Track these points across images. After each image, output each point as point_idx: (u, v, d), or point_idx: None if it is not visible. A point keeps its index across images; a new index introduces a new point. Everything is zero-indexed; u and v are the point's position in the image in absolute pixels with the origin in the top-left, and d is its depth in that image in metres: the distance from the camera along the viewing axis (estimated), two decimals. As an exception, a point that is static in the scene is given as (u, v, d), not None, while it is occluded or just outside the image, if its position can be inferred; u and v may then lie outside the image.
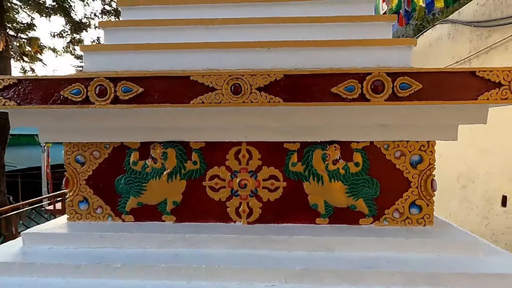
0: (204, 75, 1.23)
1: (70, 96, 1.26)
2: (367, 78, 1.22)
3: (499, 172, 3.36)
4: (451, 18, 4.28)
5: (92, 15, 6.41)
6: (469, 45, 3.83)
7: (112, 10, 6.32)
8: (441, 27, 4.53)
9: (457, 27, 4.11)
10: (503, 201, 3.16)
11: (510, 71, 1.21)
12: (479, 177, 3.56)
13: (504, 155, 3.28)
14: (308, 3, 1.65)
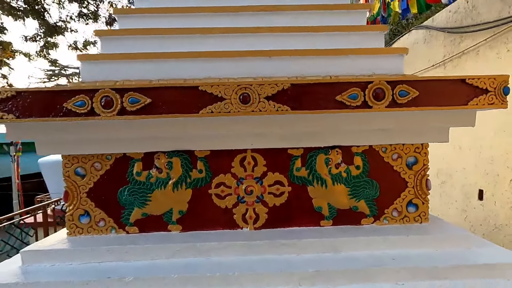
0: (213, 85, 1.25)
1: (74, 108, 1.23)
2: (369, 86, 1.28)
3: (474, 168, 3.60)
4: (425, 24, 4.55)
5: (68, 18, 6.17)
6: (443, 50, 4.09)
7: (89, 13, 6.11)
8: (417, 32, 4.80)
9: (432, 33, 4.38)
10: (479, 195, 3.40)
11: (495, 78, 1.32)
12: (456, 173, 3.80)
13: (477, 151, 3.53)
14: (305, 13, 1.71)
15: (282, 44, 1.62)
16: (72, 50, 6.57)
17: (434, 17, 4.38)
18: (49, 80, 22.89)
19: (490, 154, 3.31)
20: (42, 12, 5.52)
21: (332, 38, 1.66)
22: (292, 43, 1.63)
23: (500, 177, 3.18)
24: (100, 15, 6.23)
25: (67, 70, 22.49)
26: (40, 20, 5.52)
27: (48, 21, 5.72)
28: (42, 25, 5.72)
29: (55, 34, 5.93)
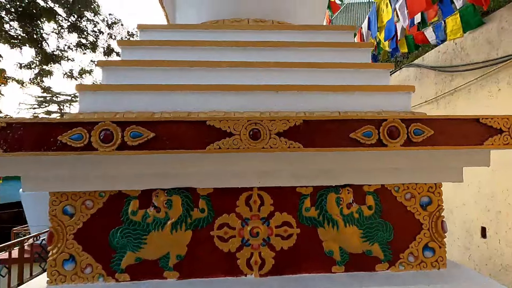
0: (222, 120, 1.18)
1: (70, 142, 1.13)
2: (383, 124, 1.24)
3: (474, 204, 3.56)
4: (416, 62, 4.76)
5: (66, 48, 6.22)
6: (435, 87, 4.23)
7: (88, 43, 6.19)
8: (407, 70, 5.00)
9: (422, 71, 4.56)
10: (482, 232, 3.32)
11: (508, 118, 1.30)
12: (456, 208, 3.74)
13: (476, 187, 3.51)
14: (312, 49, 1.71)
15: (289, 79, 1.59)
16: (67, 78, 6.57)
17: (424, 56, 4.58)
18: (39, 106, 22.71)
19: (490, 190, 3.29)
20: (40, 41, 5.57)
21: (339, 74, 1.65)
22: (299, 78, 1.61)
23: (502, 214, 3.13)
24: (99, 45, 6.34)
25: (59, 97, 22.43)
26: (38, 48, 5.55)
27: (45, 50, 5.76)
28: (39, 54, 5.73)
29: (51, 62, 5.94)
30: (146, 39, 1.74)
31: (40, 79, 6.62)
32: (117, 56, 6.86)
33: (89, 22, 5.92)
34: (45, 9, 5.10)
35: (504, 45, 3.22)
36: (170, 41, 1.68)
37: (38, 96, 21.63)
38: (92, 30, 6.06)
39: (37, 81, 6.52)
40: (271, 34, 1.78)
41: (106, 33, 6.25)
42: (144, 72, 1.57)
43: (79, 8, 5.47)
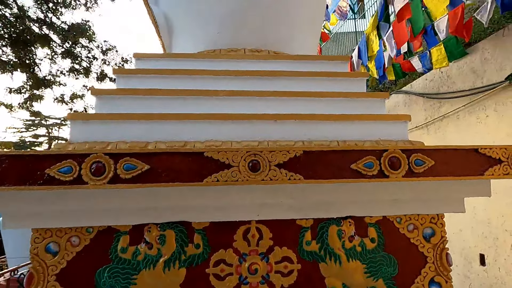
0: (220, 151, 1.14)
1: (58, 175, 1.06)
2: (384, 154, 1.22)
3: (471, 230, 3.53)
4: (404, 89, 4.91)
5: (58, 73, 6.20)
6: (424, 113, 4.35)
7: (81, 69, 6.20)
8: (397, 96, 5.14)
9: (411, 97, 4.70)
10: (481, 259, 3.26)
11: (506, 148, 1.31)
12: (453, 235, 3.69)
13: (472, 213, 3.49)
14: (308, 79, 1.73)
15: (287, 108, 1.59)
16: (58, 103, 6.49)
17: (412, 84, 4.75)
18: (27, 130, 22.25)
19: (485, 216, 3.28)
20: (32, 66, 5.55)
21: (336, 103, 1.65)
22: (297, 107, 1.60)
23: (499, 241, 3.10)
24: (92, 71, 6.36)
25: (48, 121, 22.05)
26: (29, 73, 5.51)
27: (37, 75, 5.72)
28: (30, 78, 5.69)
29: (42, 87, 5.89)
30: (142, 67, 1.73)
31: (29, 104, 6.53)
32: (111, 82, 6.87)
33: (83, 48, 5.98)
34: (39, 36, 5.15)
35: (488, 74, 3.36)
36: (166, 70, 1.67)
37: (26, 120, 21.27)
38: (86, 56, 6.12)
39: (27, 106, 6.42)
40: (267, 64, 1.80)
41: (100, 59, 6.32)
42: (139, 100, 1.54)
43: (74, 35, 5.54)
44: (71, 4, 5.68)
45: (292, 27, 2.07)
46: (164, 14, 2.09)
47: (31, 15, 5.15)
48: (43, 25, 5.27)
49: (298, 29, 2.12)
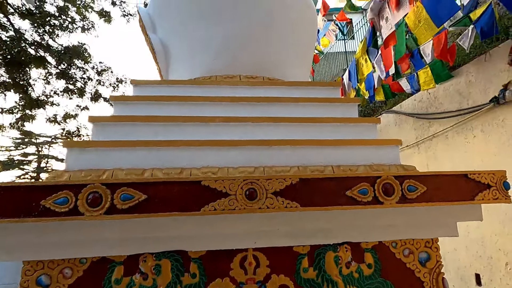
0: (217, 180, 1.16)
1: (54, 207, 1.06)
2: (377, 181, 1.25)
3: (465, 249, 3.54)
4: (394, 109, 5.05)
5: (52, 93, 6.18)
6: (414, 132, 4.46)
7: (75, 89, 6.20)
8: (387, 116, 5.28)
9: (401, 117, 4.82)
10: (477, 279, 3.25)
11: (494, 173, 1.35)
12: (448, 254, 3.69)
13: (465, 232, 3.52)
14: (302, 104, 1.78)
15: (281, 134, 1.62)
16: (50, 123, 6.45)
17: (402, 104, 4.89)
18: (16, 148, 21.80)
19: (479, 234, 3.30)
20: (26, 87, 5.54)
21: (330, 128, 1.70)
22: (292, 132, 1.64)
23: (494, 260, 3.11)
24: (86, 91, 6.38)
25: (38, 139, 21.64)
26: (23, 94, 5.49)
27: (30, 95, 5.70)
28: (23, 99, 5.66)
29: (35, 107, 5.86)
30: (139, 94, 1.75)
31: (21, 124, 6.45)
32: (105, 102, 6.89)
33: (78, 69, 6.02)
34: (35, 58, 5.19)
35: (473, 96, 3.50)
36: (163, 97, 1.70)
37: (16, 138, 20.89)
38: (80, 77, 6.14)
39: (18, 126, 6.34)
40: (263, 90, 1.85)
41: (95, 79, 6.36)
42: (136, 127, 1.55)
43: (70, 57, 5.60)
44: (68, 28, 5.79)
45: (286, 54, 2.15)
46: (161, 41, 2.15)
47: (28, 37, 5.23)
48: (39, 48, 5.33)
49: (292, 55, 2.20)
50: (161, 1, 2.16)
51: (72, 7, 6.30)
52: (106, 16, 6.33)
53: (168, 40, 2.10)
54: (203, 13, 1.98)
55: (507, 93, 3.02)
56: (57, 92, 6.00)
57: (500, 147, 3.21)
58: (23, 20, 5.30)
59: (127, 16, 6.51)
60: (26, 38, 5.21)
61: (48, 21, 5.48)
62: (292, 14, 2.11)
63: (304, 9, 2.23)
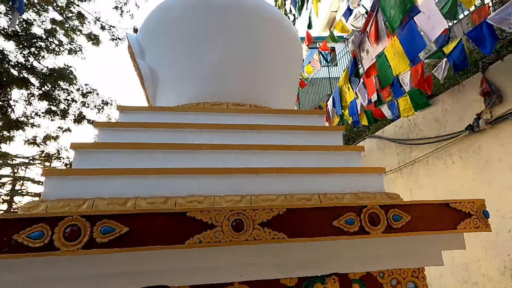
0: (203, 211, 1.13)
1: (27, 241, 0.99)
2: (363, 210, 1.26)
3: (451, 275, 3.55)
4: (377, 134, 5.22)
5: (33, 114, 5.99)
6: (397, 157, 4.58)
7: (58, 110, 6.03)
8: (370, 141, 5.43)
9: (384, 142, 4.98)
10: (464, 306, 3.23)
11: (474, 202, 1.39)
12: (434, 280, 3.69)
13: (449, 257, 3.55)
14: (288, 132, 1.81)
15: (268, 162, 1.63)
16: (29, 145, 6.19)
17: (384, 129, 5.06)
18: (-12, 170, 20.64)
19: (463, 260, 3.33)
20: (5, 108, 5.35)
21: (315, 156, 1.72)
22: (278, 160, 1.65)
23: (479, 285, 3.12)
24: (69, 113, 6.23)
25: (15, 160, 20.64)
26: (1, 115, 5.29)
27: (9, 116, 5.50)
28: (1, 120, 5.43)
29: (14, 129, 5.64)
30: (125, 120, 1.74)
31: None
32: (88, 124, 6.75)
33: (62, 91, 5.91)
34: (17, 79, 5.07)
35: (450, 124, 3.68)
36: (149, 123, 1.69)
37: (-16, 157, 19.79)
38: (65, 98, 6.03)
39: (-8, 147, 6.05)
40: (250, 117, 1.87)
41: (79, 101, 6.24)
42: (120, 155, 1.52)
43: (55, 79, 5.51)
44: (54, 50, 5.76)
45: (272, 83, 2.21)
46: (149, 67, 2.17)
47: (11, 58, 5.14)
48: (23, 69, 5.24)
49: (278, 84, 2.26)
50: (150, 28, 2.21)
51: (60, 30, 6.33)
52: (94, 40, 6.38)
53: (156, 66, 2.13)
54: (192, 41, 2.03)
55: (480, 122, 3.20)
56: (39, 114, 5.83)
57: (478, 172, 3.34)
58: (8, 41, 5.26)
59: (116, 40, 6.58)
60: (9, 59, 5.12)
61: (34, 43, 5.44)
62: (278, 44, 2.20)
63: (290, 40, 2.33)
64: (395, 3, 2.25)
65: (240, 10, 2.07)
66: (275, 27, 2.18)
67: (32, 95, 5.54)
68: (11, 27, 3.65)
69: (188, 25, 2.01)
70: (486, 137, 3.25)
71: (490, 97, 3.14)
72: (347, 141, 8.40)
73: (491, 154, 3.21)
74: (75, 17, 6.15)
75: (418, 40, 2.64)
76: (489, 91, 3.16)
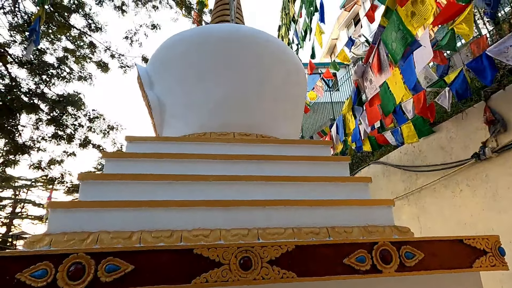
0: (210, 248, 1.10)
1: (30, 281, 0.96)
2: (374, 247, 1.22)
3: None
4: (382, 160, 5.19)
5: (40, 139, 6.07)
6: (402, 184, 4.52)
7: (65, 135, 6.11)
8: (375, 166, 5.38)
9: (389, 168, 4.93)
10: None
11: (488, 239, 1.35)
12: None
13: None
14: (295, 163, 1.80)
15: (275, 193, 1.61)
16: (33, 169, 6.22)
17: (389, 155, 5.03)
18: (-10, 192, 20.53)
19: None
20: (13, 133, 5.44)
21: (322, 187, 1.70)
22: (285, 192, 1.63)
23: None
24: (75, 137, 6.31)
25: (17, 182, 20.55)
26: (9, 139, 5.37)
27: (17, 141, 5.58)
28: (8, 144, 5.50)
29: (20, 153, 5.69)
30: (133, 151, 1.75)
31: (2, 169, 6.17)
32: (94, 148, 6.80)
33: (70, 116, 6.02)
34: (27, 105, 5.20)
35: (456, 151, 3.66)
36: (157, 154, 1.70)
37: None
38: (72, 123, 6.13)
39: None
40: (256, 148, 1.88)
41: (86, 126, 6.34)
42: (127, 186, 1.51)
43: (64, 106, 5.64)
44: (65, 78, 5.95)
45: (278, 113, 2.24)
46: (158, 97, 2.22)
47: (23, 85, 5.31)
48: (34, 96, 5.39)
49: (283, 114, 2.29)
50: (160, 61, 2.28)
51: (71, 57, 6.57)
52: (103, 67, 6.60)
53: (164, 97, 2.18)
54: (200, 74, 2.09)
55: (486, 150, 3.18)
56: (45, 138, 5.91)
57: (487, 202, 3.26)
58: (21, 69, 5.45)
59: (124, 68, 6.81)
60: (21, 86, 5.29)
61: (46, 70, 5.63)
62: (283, 77, 2.25)
63: (294, 71, 2.39)
64: (397, 37, 2.34)
65: (246, 44, 2.15)
66: (280, 59, 2.25)
67: (40, 120, 5.66)
68: (26, 57, 3.80)
69: (196, 59, 2.08)
70: (493, 165, 3.22)
71: (494, 126, 3.15)
72: (351, 166, 8.34)
73: (500, 182, 3.16)
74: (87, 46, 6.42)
75: (414, 70, 2.72)
76: (493, 119, 3.17)
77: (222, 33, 2.15)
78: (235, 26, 2.35)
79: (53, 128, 5.97)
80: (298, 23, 5.93)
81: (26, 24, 5.38)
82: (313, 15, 4.98)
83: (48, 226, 1.33)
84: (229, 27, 2.26)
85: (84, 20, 6.23)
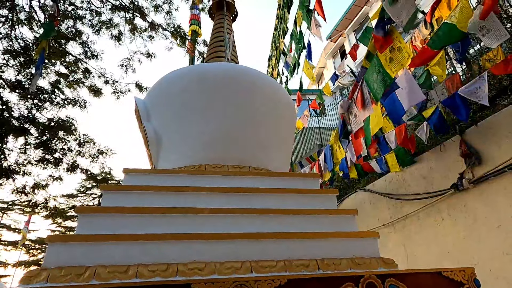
0: (207, 283, 1.16)
1: (30, 318, 0.99)
2: (361, 280, 1.30)
3: None
4: (368, 187, 5.34)
5: (26, 162, 5.92)
6: (388, 212, 4.65)
7: (52, 159, 5.99)
8: (362, 193, 5.52)
9: (375, 195, 5.07)
10: None
11: (464, 270, 1.46)
12: None
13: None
14: (286, 195, 1.90)
15: (267, 226, 1.68)
16: (16, 194, 6.00)
17: (374, 183, 5.20)
18: (-37, 216, 19.36)
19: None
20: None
21: (311, 219, 1.79)
22: (276, 225, 1.71)
23: None
24: (63, 161, 6.19)
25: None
26: (-6, 164, 5.25)
27: (1, 165, 5.44)
28: (-9, 168, 5.38)
29: (4, 177, 5.53)
30: (130, 183, 1.81)
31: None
32: (81, 173, 6.69)
33: (60, 140, 5.95)
34: (17, 129, 5.14)
35: (436, 181, 3.86)
36: (153, 187, 1.76)
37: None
38: (61, 148, 6.05)
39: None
40: (249, 180, 1.97)
41: (75, 150, 6.27)
42: (124, 219, 1.56)
43: (56, 132, 5.60)
44: (59, 104, 5.98)
45: (269, 146, 2.37)
46: (154, 129, 2.31)
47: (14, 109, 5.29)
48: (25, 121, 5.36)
49: (274, 147, 2.42)
50: (158, 95, 2.41)
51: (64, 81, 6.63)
52: (96, 92, 6.67)
53: (161, 130, 2.27)
54: (197, 109, 2.21)
55: (464, 181, 3.38)
56: (31, 162, 5.78)
57: (467, 230, 3.41)
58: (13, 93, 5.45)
59: (118, 93, 6.89)
60: (13, 110, 5.26)
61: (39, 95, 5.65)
62: (275, 112, 2.41)
63: (285, 107, 2.56)
64: (377, 78, 2.57)
65: (241, 83, 2.31)
66: (272, 97, 2.42)
67: (28, 144, 5.58)
68: (32, 89, 3.85)
69: (194, 95, 2.22)
70: (471, 196, 3.41)
71: (470, 159, 3.37)
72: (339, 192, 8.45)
73: (477, 212, 3.33)
74: (81, 72, 6.51)
75: (398, 107, 2.96)
76: (468, 153, 3.40)
77: (218, 72, 2.31)
78: (231, 65, 2.52)
79: (41, 152, 5.87)
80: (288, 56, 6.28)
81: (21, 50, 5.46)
82: (301, 51, 5.31)
83: (45, 260, 1.35)
84: (225, 66, 2.43)
85: (81, 48, 6.38)
